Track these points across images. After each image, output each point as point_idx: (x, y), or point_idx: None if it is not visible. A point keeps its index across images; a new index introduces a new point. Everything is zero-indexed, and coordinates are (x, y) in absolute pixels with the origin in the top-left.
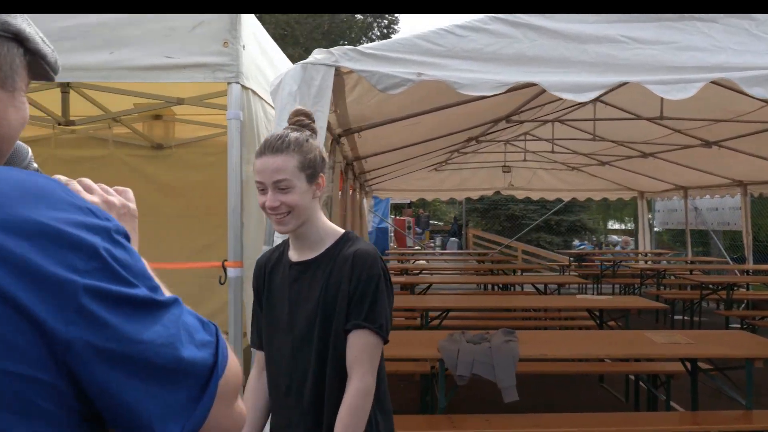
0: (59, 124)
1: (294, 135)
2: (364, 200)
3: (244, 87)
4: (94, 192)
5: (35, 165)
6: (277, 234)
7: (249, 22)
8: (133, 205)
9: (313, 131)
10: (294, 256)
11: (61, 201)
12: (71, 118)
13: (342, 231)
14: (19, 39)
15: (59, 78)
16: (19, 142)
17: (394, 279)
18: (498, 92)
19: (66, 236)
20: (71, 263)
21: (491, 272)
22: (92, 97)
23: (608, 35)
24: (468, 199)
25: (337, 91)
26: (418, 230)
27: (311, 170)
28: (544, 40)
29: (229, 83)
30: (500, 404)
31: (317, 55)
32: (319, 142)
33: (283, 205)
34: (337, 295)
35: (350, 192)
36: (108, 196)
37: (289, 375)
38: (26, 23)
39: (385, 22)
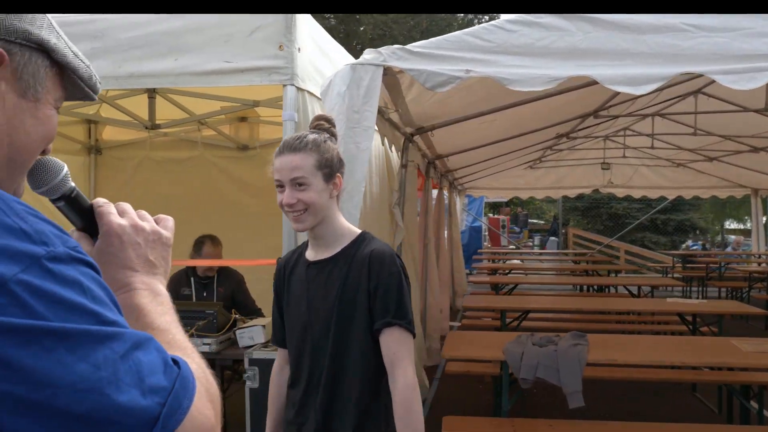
0: (146, 128)
1: (312, 136)
2: (457, 199)
3: (299, 89)
4: (125, 215)
5: (71, 183)
6: None
7: (305, 25)
8: (167, 234)
9: (333, 135)
10: (311, 255)
11: None
12: (157, 122)
13: (359, 231)
14: (44, 50)
15: (131, 84)
16: (53, 159)
17: (482, 279)
18: (549, 87)
19: None
20: None
21: (586, 273)
22: (177, 101)
23: (669, 24)
24: (568, 198)
25: (393, 90)
26: (516, 229)
27: (328, 169)
28: (598, 32)
29: (284, 85)
30: (579, 411)
31: (366, 55)
32: (369, 142)
33: (300, 202)
34: (356, 296)
35: (432, 191)
36: (139, 221)
37: (308, 372)
38: (54, 35)
39: (486, 18)
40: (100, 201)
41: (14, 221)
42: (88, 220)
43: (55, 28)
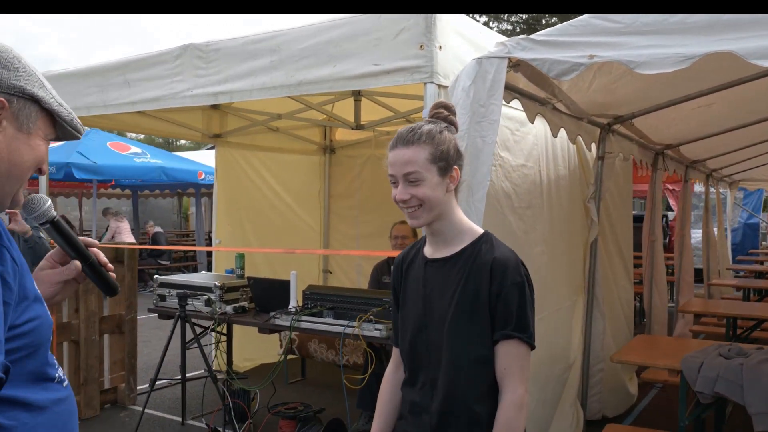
0: (352, 128)
1: (427, 127)
2: (727, 193)
3: (440, 86)
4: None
5: (53, 213)
6: None
7: (451, 22)
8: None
9: (452, 124)
10: (429, 252)
11: None
12: (362, 123)
13: (481, 231)
14: (35, 100)
15: (300, 91)
16: (41, 195)
17: (726, 282)
18: (681, 67)
19: None
20: None
21: None
22: (383, 102)
23: None
24: None
25: (541, 81)
26: None
27: (444, 162)
28: None
29: (425, 83)
30: None
31: (493, 48)
32: (494, 135)
33: (414, 198)
34: (475, 301)
35: (660, 184)
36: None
37: (424, 373)
38: (43, 90)
39: None
40: (88, 240)
41: None
42: (72, 246)
43: (45, 86)
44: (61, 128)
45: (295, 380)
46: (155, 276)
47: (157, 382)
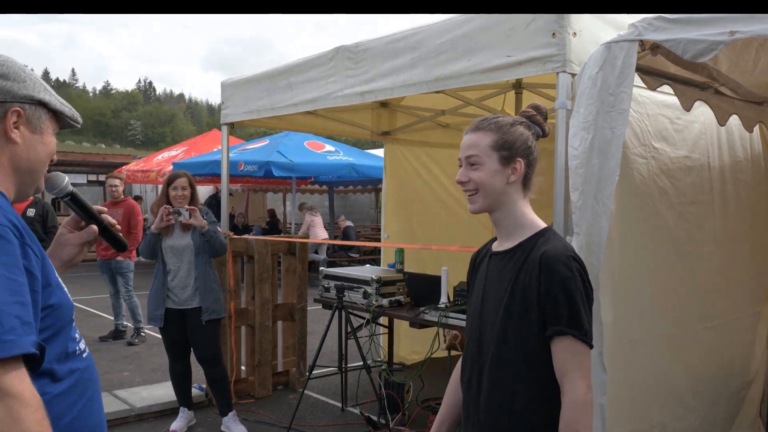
0: None
1: (501, 118)
2: None
3: (574, 75)
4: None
5: (71, 188)
6: (573, 224)
7: None
8: None
9: (536, 123)
10: (495, 245)
11: None
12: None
13: (543, 225)
14: (42, 104)
15: (437, 87)
16: (60, 173)
17: None
18: None
19: None
20: None
21: None
22: (546, 93)
23: None
24: None
25: (692, 63)
26: None
27: (507, 152)
28: None
29: (557, 73)
30: None
31: (623, 31)
32: (624, 126)
33: (471, 181)
34: (525, 296)
35: None
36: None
37: (472, 367)
38: (47, 94)
39: None
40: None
41: None
42: (88, 214)
43: (48, 90)
44: (63, 121)
45: None
46: (321, 268)
47: (321, 370)
